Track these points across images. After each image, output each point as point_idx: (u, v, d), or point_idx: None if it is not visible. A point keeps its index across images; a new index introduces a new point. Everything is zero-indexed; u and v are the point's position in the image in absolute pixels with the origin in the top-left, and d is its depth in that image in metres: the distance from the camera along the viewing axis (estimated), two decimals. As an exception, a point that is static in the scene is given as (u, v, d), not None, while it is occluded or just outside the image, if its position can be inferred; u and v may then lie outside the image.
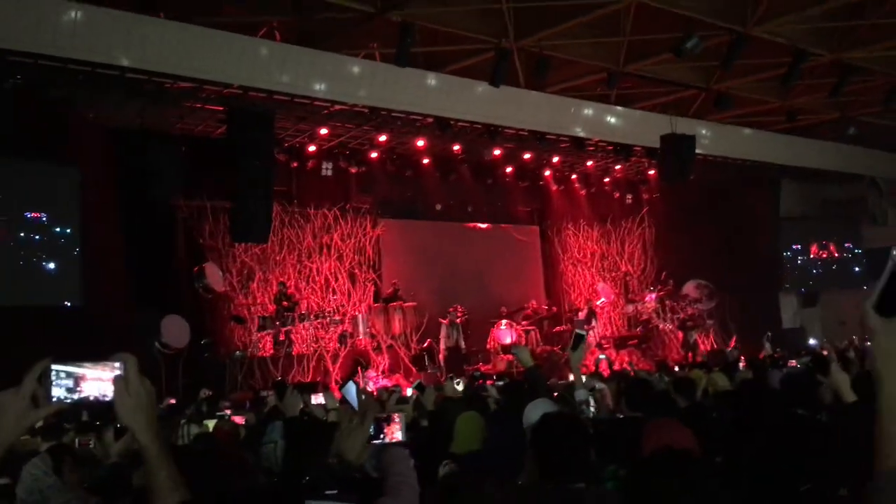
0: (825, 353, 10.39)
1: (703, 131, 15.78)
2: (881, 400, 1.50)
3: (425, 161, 16.75)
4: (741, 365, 10.27)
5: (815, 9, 11.65)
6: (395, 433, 2.89)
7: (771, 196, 19.58)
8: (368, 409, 2.45)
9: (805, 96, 15.47)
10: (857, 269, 20.98)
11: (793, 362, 10.39)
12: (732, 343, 16.71)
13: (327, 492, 1.55)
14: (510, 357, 15.63)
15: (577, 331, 4.84)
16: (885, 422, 1.49)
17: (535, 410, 3.96)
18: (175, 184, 12.92)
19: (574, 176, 19.20)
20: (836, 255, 21.12)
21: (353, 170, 16.00)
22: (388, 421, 2.85)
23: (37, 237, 12.04)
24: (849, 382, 3.70)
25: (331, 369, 14.05)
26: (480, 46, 12.27)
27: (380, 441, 2.74)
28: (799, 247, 20.71)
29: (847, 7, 11.87)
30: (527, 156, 17.13)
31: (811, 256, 20.91)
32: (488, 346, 16.91)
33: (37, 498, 3.54)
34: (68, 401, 1.59)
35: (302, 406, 5.18)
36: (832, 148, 17.96)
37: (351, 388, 5.03)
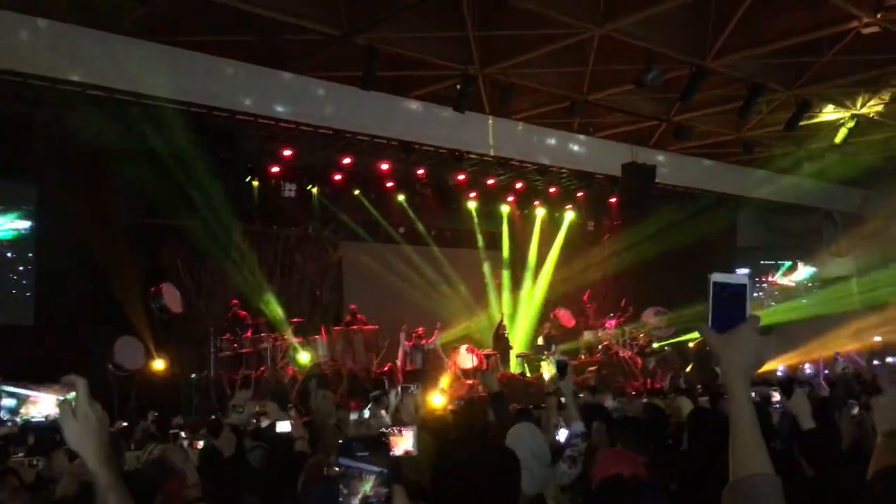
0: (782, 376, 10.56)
1: (663, 160, 16.06)
2: (732, 412, 1.56)
3: (389, 184, 16.75)
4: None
5: (772, 45, 11.96)
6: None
7: (728, 226, 19.90)
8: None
9: (762, 129, 15.83)
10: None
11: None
12: (689, 369, 16.85)
13: (359, 453, 1.54)
14: (473, 382, 15.57)
15: (559, 359, 4.83)
16: (735, 433, 1.55)
17: (521, 431, 3.93)
18: (136, 201, 12.76)
19: (537, 202, 19.34)
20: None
21: (317, 191, 15.94)
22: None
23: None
24: (809, 409, 3.58)
25: (289, 393, 13.84)
26: (446, 73, 12.37)
27: None
28: (752, 273, 21.06)
29: (803, 44, 12.19)
30: (490, 181, 17.23)
31: (766, 285, 21.29)
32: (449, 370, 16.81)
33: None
34: (10, 423, 1.55)
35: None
36: (789, 180, 18.36)
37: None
